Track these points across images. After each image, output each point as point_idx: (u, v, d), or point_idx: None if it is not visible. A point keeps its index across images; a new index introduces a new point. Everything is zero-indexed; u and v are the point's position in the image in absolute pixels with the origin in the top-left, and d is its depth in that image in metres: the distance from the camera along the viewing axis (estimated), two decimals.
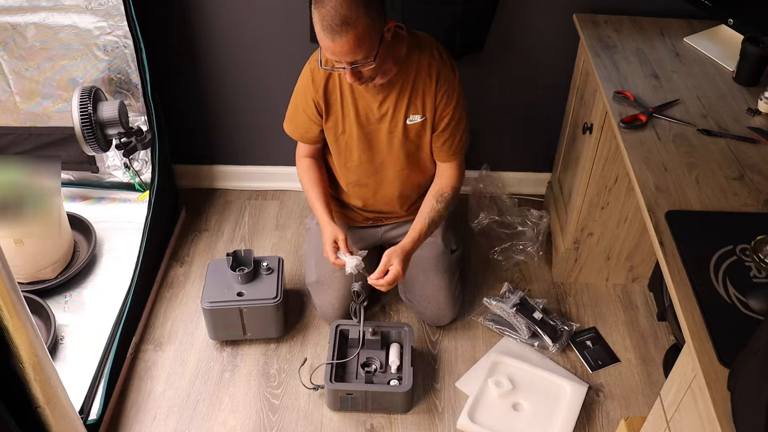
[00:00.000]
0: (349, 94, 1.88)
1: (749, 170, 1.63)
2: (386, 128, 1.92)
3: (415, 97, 1.87)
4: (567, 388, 2.02)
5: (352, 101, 1.88)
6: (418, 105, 1.88)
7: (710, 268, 1.37)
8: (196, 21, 2.30)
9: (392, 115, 1.89)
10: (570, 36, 2.24)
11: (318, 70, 1.86)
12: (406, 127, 1.91)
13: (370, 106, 1.89)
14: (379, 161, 1.99)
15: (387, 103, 1.88)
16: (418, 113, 1.89)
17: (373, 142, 1.95)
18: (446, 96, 1.87)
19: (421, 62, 1.83)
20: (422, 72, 1.84)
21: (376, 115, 1.90)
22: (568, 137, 2.35)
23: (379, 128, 1.92)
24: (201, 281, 2.37)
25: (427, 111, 1.89)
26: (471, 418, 1.94)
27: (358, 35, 1.61)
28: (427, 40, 1.87)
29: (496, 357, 2.10)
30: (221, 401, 2.02)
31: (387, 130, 1.92)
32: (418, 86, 1.86)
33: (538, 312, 2.18)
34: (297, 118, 1.98)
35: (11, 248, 2.09)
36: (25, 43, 2.20)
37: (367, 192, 2.07)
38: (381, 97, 1.87)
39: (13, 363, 1.37)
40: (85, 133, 2.11)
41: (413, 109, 1.89)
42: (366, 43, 1.63)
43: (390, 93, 1.86)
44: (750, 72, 1.90)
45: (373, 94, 1.86)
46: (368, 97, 1.87)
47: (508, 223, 2.52)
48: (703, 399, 1.25)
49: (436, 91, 1.86)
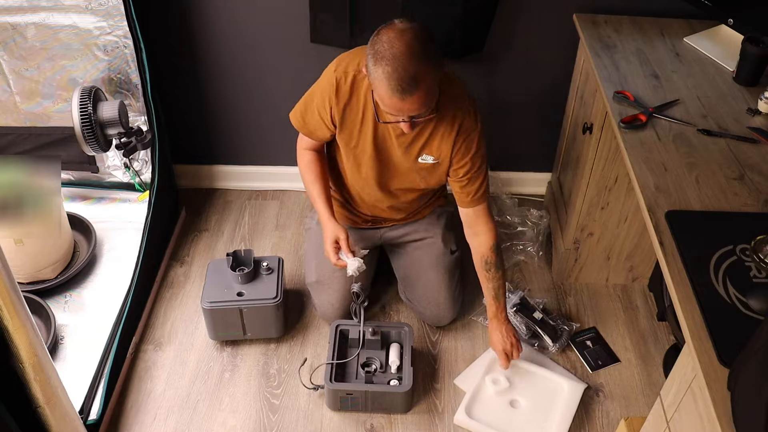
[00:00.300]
0: (371, 118, 1.82)
1: (749, 170, 1.63)
2: (399, 156, 1.89)
3: (432, 139, 1.83)
4: (565, 386, 2.02)
5: (372, 125, 1.83)
6: (433, 147, 1.85)
7: (710, 268, 1.37)
8: (196, 21, 2.30)
9: (406, 149, 1.86)
10: (570, 36, 2.24)
11: (344, 85, 1.78)
12: (417, 164, 1.89)
13: (388, 132, 1.84)
14: (387, 178, 1.97)
15: (404, 138, 1.83)
16: (432, 155, 1.86)
17: (385, 163, 1.92)
18: (465, 145, 1.83)
19: (446, 106, 1.77)
20: (446, 116, 1.78)
21: (393, 143, 1.86)
22: (568, 137, 2.35)
23: (393, 153, 1.89)
24: (201, 281, 2.37)
25: (442, 155, 1.86)
26: (468, 413, 1.95)
27: (426, 91, 1.57)
28: (458, 86, 1.81)
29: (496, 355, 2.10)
30: (221, 401, 2.02)
31: (399, 158, 1.90)
32: (438, 129, 1.81)
33: (538, 312, 2.18)
34: (309, 116, 1.91)
35: (11, 248, 2.09)
36: (25, 43, 2.20)
37: (369, 200, 2.07)
38: (399, 130, 1.81)
39: (13, 363, 1.37)
40: (85, 133, 2.11)
41: (428, 149, 1.85)
42: (432, 96, 1.61)
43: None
44: (750, 72, 1.90)
45: (394, 126, 1.81)
46: (389, 126, 1.82)
47: (508, 223, 2.51)
48: (703, 399, 1.25)
49: (456, 138, 1.81)
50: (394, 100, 1.58)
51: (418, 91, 1.55)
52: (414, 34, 1.55)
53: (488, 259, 1.96)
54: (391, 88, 1.55)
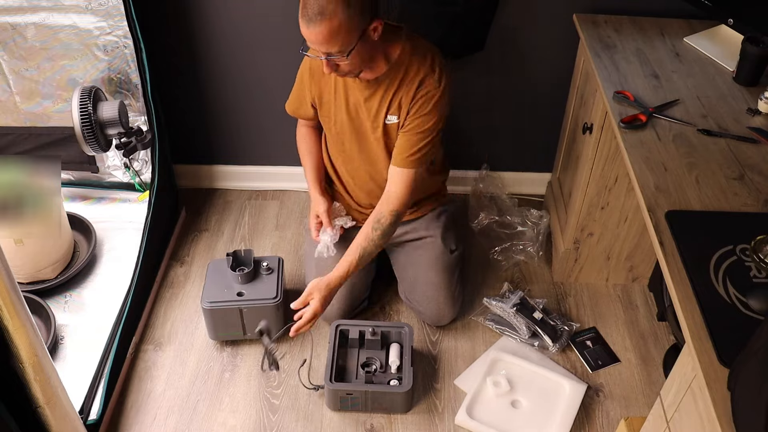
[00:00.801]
0: (342, 86, 1.91)
1: (749, 170, 1.63)
2: (370, 124, 1.94)
3: (396, 97, 1.87)
4: (566, 386, 2.02)
5: (344, 94, 1.92)
6: (395, 105, 1.88)
7: (710, 268, 1.37)
8: (196, 21, 2.30)
9: (375, 112, 1.91)
10: (570, 36, 2.24)
11: (316, 60, 1.85)
12: (386, 126, 1.92)
13: (358, 100, 1.91)
14: (368, 156, 2.02)
15: (372, 100, 1.89)
16: (395, 114, 1.90)
17: (363, 136, 1.98)
18: (422, 99, 1.84)
19: (410, 66, 1.83)
20: (409, 74, 1.84)
21: (363, 109, 1.92)
22: (568, 137, 2.35)
23: (366, 124, 1.94)
24: (201, 281, 2.37)
25: (401, 112, 1.89)
26: (469, 413, 1.95)
27: (331, 28, 1.62)
28: (424, 47, 1.86)
29: (496, 354, 2.10)
30: (221, 401, 2.02)
31: (371, 127, 1.94)
32: (401, 87, 1.86)
33: (538, 312, 2.18)
34: (293, 95, 2.06)
35: (11, 248, 2.09)
36: (25, 43, 2.20)
37: (360, 183, 2.09)
38: (368, 93, 1.88)
39: (13, 363, 1.37)
40: (85, 133, 2.11)
41: (392, 109, 1.89)
42: (339, 37, 1.65)
43: (376, 90, 1.87)
44: (750, 72, 1.90)
45: (360, 89, 1.88)
46: (357, 92, 1.90)
47: (508, 223, 2.51)
48: (703, 399, 1.25)
49: (415, 93, 1.84)
50: (302, 27, 1.66)
51: (320, 24, 1.62)
52: None
53: (383, 220, 1.92)
54: (301, 14, 1.64)
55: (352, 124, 1.95)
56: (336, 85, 1.92)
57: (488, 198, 2.58)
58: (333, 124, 1.99)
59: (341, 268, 1.93)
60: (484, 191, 2.59)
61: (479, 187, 2.60)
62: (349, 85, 1.90)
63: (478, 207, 2.56)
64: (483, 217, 2.52)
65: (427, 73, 1.83)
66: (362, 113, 1.93)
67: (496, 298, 2.24)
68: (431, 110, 1.85)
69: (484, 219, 2.52)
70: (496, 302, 2.21)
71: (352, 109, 1.93)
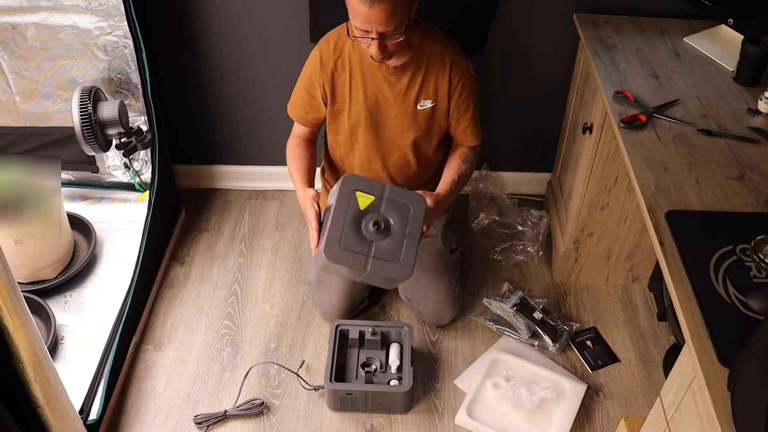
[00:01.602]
0: (359, 75, 1.88)
1: (749, 170, 1.63)
2: (395, 112, 1.93)
3: (427, 82, 1.89)
4: (566, 386, 2.02)
5: (361, 83, 1.89)
6: (429, 90, 1.90)
7: (710, 268, 1.37)
8: (196, 21, 2.30)
9: (403, 98, 1.90)
10: (570, 36, 2.24)
11: (327, 52, 1.88)
12: (416, 112, 1.92)
13: (380, 88, 1.89)
14: (385, 147, 1.99)
15: (398, 86, 1.89)
16: (429, 98, 1.91)
17: (381, 126, 1.96)
18: (461, 83, 1.89)
19: (434, 49, 1.86)
20: (435, 58, 1.87)
21: (388, 97, 1.90)
22: (568, 137, 2.35)
23: (388, 112, 1.93)
24: (201, 281, 2.37)
25: (439, 97, 1.91)
26: (469, 414, 1.95)
27: (394, 4, 1.64)
28: (437, 30, 1.90)
29: (496, 354, 2.10)
30: (221, 401, 2.02)
31: (396, 115, 1.93)
32: (431, 72, 1.87)
33: (538, 312, 2.18)
34: (299, 99, 1.99)
35: (11, 248, 2.09)
36: (25, 43, 2.20)
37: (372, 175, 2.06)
38: (393, 80, 1.88)
39: (13, 363, 1.37)
40: (85, 133, 2.11)
41: (424, 94, 1.90)
42: (399, 13, 1.66)
43: (402, 76, 1.87)
44: (750, 72, 1.90)
45: (385, 75, 1.87)
46: (380, 79, 1.88)
47: (508, 223, 2.51)
48: (703, 399, 1.25)
49: (450, 79, 1.88)
50: (362, 7, 1.64)
51: (385, 1, 1.62)
52: None
53: (468, 155, 2.03)
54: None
55: (371, 114, 1.94)
56: (352, 76, 1.90)
57: (488, 198, 2.58)
58: (347, 117, 1.96)
59: (446, 185, 1.94)
60: (484, 191, 2.59)
61: (479, 187, 2.60)
62: (369, 76, 1.88)
63: (478, 207, 2.56)
64: (483, 217, 2.52)
65: (453, 55, 1.87)
66: (383, 102, 1.92)
67: (496, 298, 2.24)
68: (471, 89, 1.92)
69: (484, 219, 2.52)
70: (496, 302, 2.21)
71: (371, 100, 1.91)
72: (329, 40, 1.89)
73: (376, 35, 1.69)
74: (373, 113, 1.93)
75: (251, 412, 1.97)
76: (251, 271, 2.41)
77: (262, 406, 1.98)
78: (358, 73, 1.88)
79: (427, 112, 1.93)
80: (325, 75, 1.90)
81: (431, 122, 1.96)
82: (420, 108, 1.92)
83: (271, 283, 2.37)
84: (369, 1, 1.63)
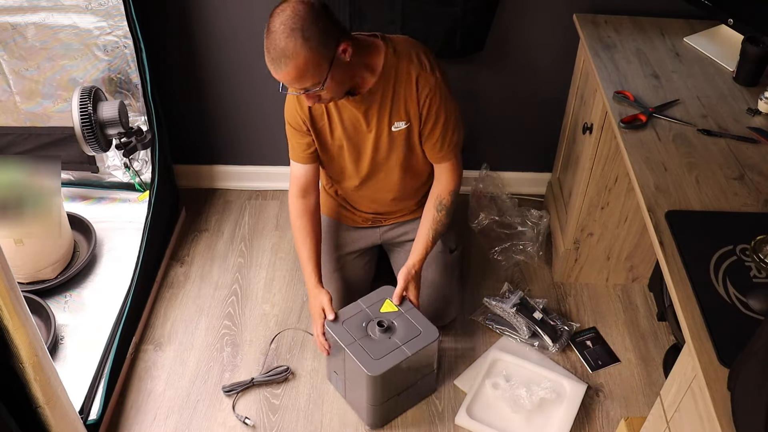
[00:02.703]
0: (333, 107, 1.87)
1: (749, 170, 1.63)
2: (373, 137, 1.90)
3: (397, 104, 1.85)
4: (566, 387, 2.02)
5: (337, 114, 1.88)
6: (401, 112, 1.86)
7: (710, 268, 1.37)
8: (196, 21, 2.30)
9: (377, 124, 1.88)
10: (570, 36, 2.24)
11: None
12: (392, 135, 1.90)
13: (355, 116, 1.87)
14: (372, 170, 1.98)
15: (371, 113, 1.86)
16: (402, 120, 1.87)
17: (363, 152, 1.94)
18: (429, 99, 1.84)
19: (399, 69, 1.81)
20: (401, 78, 1.81)
21: (363, 125, 1.88)
22: (568, 137, 2.35)
23: (367, 137, 1.91)
24: (201, 281, 2.37)
25: (411, 117, 1.87)
26: (469, 414, 1.95)
27: (298, 66, 1.62)
28: (405, 45, 1.84)
29: (496, 354, 2.10)
30: (221, 401, 2.02)
31: (374, 140, 1.91)
32: (399, 93, 1.83)
33: (538, 312, 2.18)
34: (293, 139, 1.97)
35: (11, 248, 2.09)
36: (25, 43, 2.20)
37: (365, 198, 2.08)
38: (364, 108, 1.85)
39: (13, 363, 1.37)
40: (85, 133, 2.11)
41: (396, 116, 1.87)
42: (309, 72, 1.64)
43: (372, 103, 1.84)
44: (750, 72, 1.90)
45: (355, 105, 1.84)
46: (351, 108, 1.86)
47: (508, 223, 2.51)
48: (703, 399, 1.25)
49: (418, 95, 1.83)
50: (270, 69, 1.67)
51: (287, 65, 1.62)
52: (294, 11, 1.61)
53: (444, 201, 1.99)
54: (267, 59, 1.66)
55: (351, 142, 1.92)
56: (328, 109, 1.88)
57: (488, 198, 2.58)
58: (331, 145, 1.95)
59: (419, 252, 1.96)
60: (484, 191, 2.59)
61: (479, 187, 2.60)
62: (342, 106, 1.86)
63: (478, 207, 2.56)
64: (483, 217, 2.52)
65: (419, 71, 1.81)
66: (362, 129, 1.90)
67: (496, 298, 2.24)
68: (441, 102, 1.86)
69: (484, 219, 2.52)
70: (496, 302, 2.21)
71: (350, 128, 1.90)
72: None
73: (299, 90, 1.70)
74: (353, 141, 1.92)
75: (278, 379, 2.04)
76: (251, 271, 2.41)
77: (287, 371, 2.03)
78: (333, 106, 1.87)
79: (403, 133, 1.90)
80: (303, 110, 1.88)
81: (410, 141, 1.93)
82: (395, 130, 1.89)
83: (271, 283, 2.37)
84: (273, 66, 1.64)
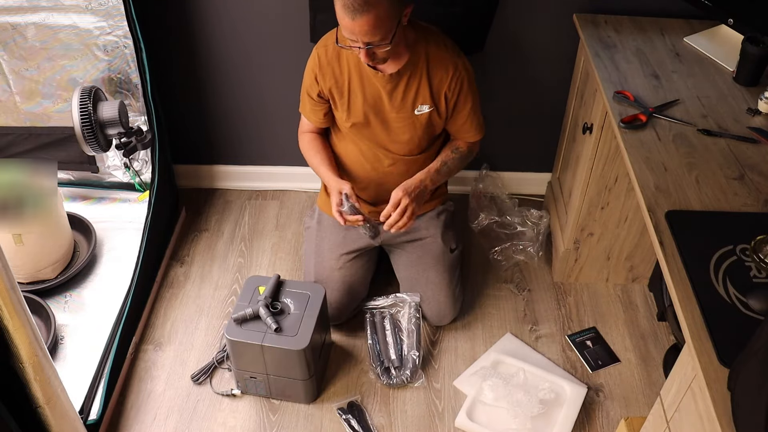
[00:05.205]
0: (357, 78, 1.90)
1: (749, 170, 1.63)
2: (394, 116, 1.94)
3: (423, 87, 1.89)
4: (566, 389, 2.02)
5: (359, 85, 1.91)
6: (426, 95, 1.91)
7: (710, 268, 1.37)
8: (196, 21, 2.30)
9: (400, 104, 1.92)
10: (570, 36, 2.24)
11: (326, 55, 1.89)
12: (414, 117, 1.94)
13: (378, 94, 1.91)
14: (383, 145, 2.02)
15: (395, 94, 1.90)
16: (426, 103, 1.92)
17: (380, 126, 1.98)
18: (458, 85, 1.90)
19: (429, 52, 1.86)
20: (431, 61, 1.87)
21: (385, 102, 1.92)
22: (568, 137, 2.35)
23: (387, 115, 1.95)
24: (201, 281, 2.37)
25: (436, 100, 1.92)
26: (469, 416, 1.95)
27: (378, 16, 1.64)
28: (432, 31, 1.90)
29: (496, 355, 2.10)
30: (221, 401, 2.02)
31: (395, 119, 1.95)
32: (426, 76, 1.88)
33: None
34: (306, 101, 2.02)
35: (11, 248, 2.09)
36: (25, 43, 2.20)
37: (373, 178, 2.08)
38: (390, 87, 1.89)
39: (13, 363, 1.37)
40: (85, 133, 2.11)
41: (421, 99, 1.91)
42: (384, 24, 1.66)
43: (398, 83, 1.88)
44: (750, 72, 1.90)
45: (382, 83, 1.88)
46: (377, 85, 1.89)
47: (508, 223, 2.51)
48: (703, 399, 1.25)
49: (447, 81, 1.89)
50: (345, 20, 1.66)
51: (368, 13, 1.63)
52: None
53: (461, 147, 2.06)
54: (344, 6, 1.64)
55: (371, 114, 1.95)
56: (351, 78, 1.91)
57: (488, 198, 2.58)
58: (348, 116, 1.97)
59: (421, 173, 1.97)
60: (484, 191, 2.59)
61: (479, 187, 2.60)
62: (366, 78, 1.89)
63: (478, 207, 2.56)
64: (483, 217, 2.52)
65: (449, 59, 1.88)
66: (383, 107, 1.93)
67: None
68: (469, 87, 1.93)
69: (484, 219, 2.52)
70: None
71: (370, 100, 1.93)
72: (327, 45, 1.90)
73: (362, 45, 1.70)
74: (372, 114, 1.95)
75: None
76: (251, 271, 2.41)
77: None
78: (356, 76, 1.90)
79: (425, 117, 1.95)
80: (324, 77, 1.91)
81: (429, 125, 1.98)
82: (418, 113, 1.93)
83: None
84: (351, 12, 1.64)
